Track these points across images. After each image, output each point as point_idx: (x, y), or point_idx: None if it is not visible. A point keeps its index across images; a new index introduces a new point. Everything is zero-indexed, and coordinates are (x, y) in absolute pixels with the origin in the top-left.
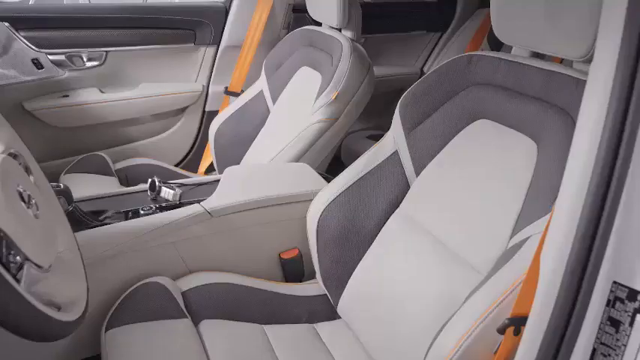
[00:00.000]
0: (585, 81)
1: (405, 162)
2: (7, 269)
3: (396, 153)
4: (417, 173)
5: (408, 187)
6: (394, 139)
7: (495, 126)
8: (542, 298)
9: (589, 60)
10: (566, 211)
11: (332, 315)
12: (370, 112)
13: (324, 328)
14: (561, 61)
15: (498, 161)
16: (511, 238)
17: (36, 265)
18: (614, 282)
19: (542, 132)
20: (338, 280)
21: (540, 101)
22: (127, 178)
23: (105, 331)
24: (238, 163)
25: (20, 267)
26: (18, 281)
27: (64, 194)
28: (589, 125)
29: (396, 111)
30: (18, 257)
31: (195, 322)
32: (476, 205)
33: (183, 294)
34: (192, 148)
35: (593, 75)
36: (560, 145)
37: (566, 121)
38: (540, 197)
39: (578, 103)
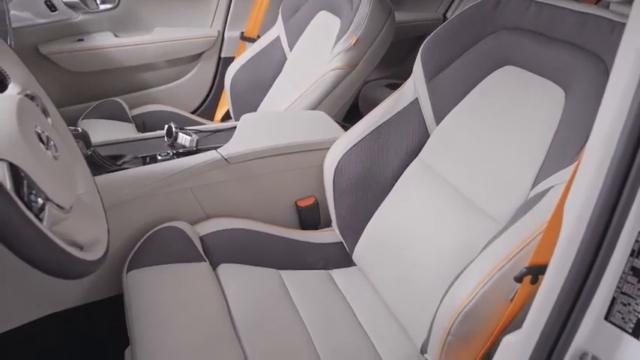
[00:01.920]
0: (623, 24)
1: (425, 110)
2: (30, 208)
3: (416, 101)
4: (438, 122)
5: (427, 135)
6: (415, 86)
7: (521, 73)
8: (564, 247)
9: (629, 0)
10: (594, 160)
11: (347, 262)
12: (389, 60)
13: (339, 274)
14: (596, 3)
15: (523, 110)
16: (532, 188)
17: (57, 205)
18: None
19: (571, 79)
20: (354, 228)
21: (572, 46)
22: (143, 124)
23: (126, 273)
24: (254, 111)
25: (42, 208)
26: (40, 221)
27: (83, 138)
28: (625, 71)
29: (418, 57)
30: (39, 198)
31: (213, 266)
32: (497, 154)
33: (201, 238)
34: (208, 95)
35: (636, 15)
36: (589, 93)
37: (599, 67)
38: (565, 147)
39: (613, 48)
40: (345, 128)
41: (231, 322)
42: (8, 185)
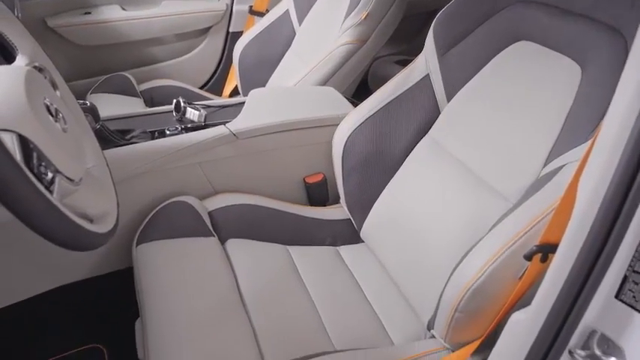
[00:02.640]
0: None
1: (436, 86)
2: (40, 180)
3: (427, 77)
4: (449, 98)
5: (438, 112)
6: (426, 61)
7: (536, 48)
8: (576, 225)
9: None
10: (611, 138)
11: (355, 239)
12: (400, 36)
13: (347, 251)
14: None
15: (537, 86)
16: (544, 166)
17: (67, 178)
18: None
19: (588, 54)
20: (362, 205)
21: (589, 20)
22: (151, 99)
23: (136, 246)
24: (263, 86)
25: (52, 180)
26: (51, 193)
27: (91, 112)
28: None
29: (430, 32)
30: (49, 170)
31: (222, 241)
32: (509, 131)
33: (210, 213)
34: (216, 70)
35: None
36: (607, 69)
37: (618, 42)
38: (579, 125)
39: (633, 22)
40: (355, 104)
41: (239, 296)
42: (18, 157)
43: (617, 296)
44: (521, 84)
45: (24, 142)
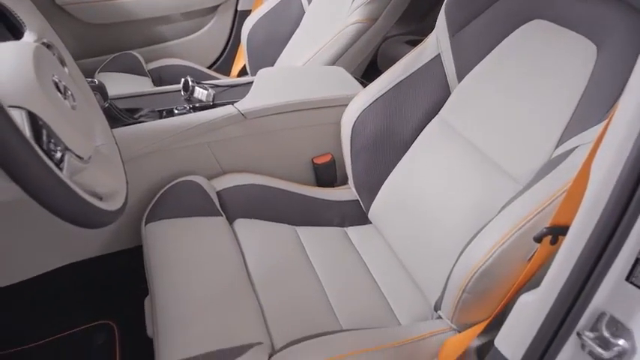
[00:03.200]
0: None
1: (447, 66)
2: (50, 158)
3: (438, 57)
4: (460, 78)
5: (448, 93)
6: (437, 41)
7: (551, 27)
8: (589, 207)
9: None
10: (627, 119)
11: (363, 220)
12: (410, 16)
13: (354, 232)
14: None
15: (550, 66)
16: (556, 148)
17: (76, 155)
18: None
19: (605, 33)
20: (370, 187)
21: None
22: (160, 78)
23: (145, 225)
24: (271, 66)
25: (62, 157)
26: (60, 170)
27: (100, 90)
28: None
29: (442, 10)
30: (59, 147)
31: (230, 221)
32: (521, 112)
33: (218, 193)
34: (224, 49)
35: None
36: (625, 49)
37: (636, 21)
38: (593, 106)
39: None
40: (364, 85)
41: (247, 275)
42: (27, 133)
43: (627, 279)
44: (534, 63)
45: (33, 119)
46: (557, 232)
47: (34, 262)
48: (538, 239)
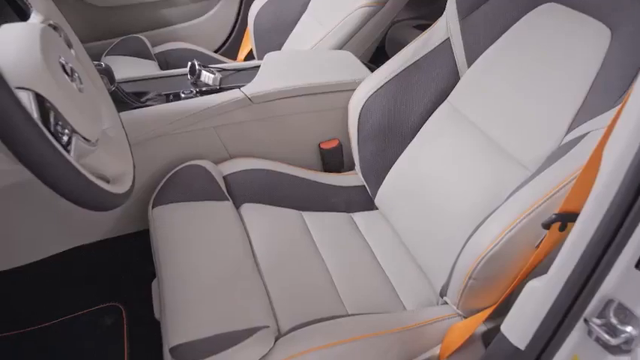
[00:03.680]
0: None
1: (456, 51)
2: (58, 140)
3: (447, 41)
4: (470, 63)
5: (457, 78)
6: (447, 25)
7: (564, 10)
8: (599, 194)
9: None
10: None
11: (369, 206)
12: (419, 0)
13: (360, 217)
14: None
15: (562, 50)
16: (567, 134)
17: (84, 138)
18: None
19: (620, 16)
20: (377, 172)
21: None
22: (166, 61)
23: (152, 208)
24: (279, 50)
25: (69, 140)
26: (68, 152)
27: (106, 74)
28: None
29: None
30: (66, 130)
31: (236, 205)
32: (531, 97)
33: (225, 178)
34: (231, 33)
35: None
36: (639, 33)
37: None
38: (606, 91)
39: None
40: (372, 69)
41: (253, 259)
42: (35, 115)
43: (637, 266)
44: (546, 48)
45: (40, 101)
46: (566, 219)
47: (42, 245)
48: (547, 226)
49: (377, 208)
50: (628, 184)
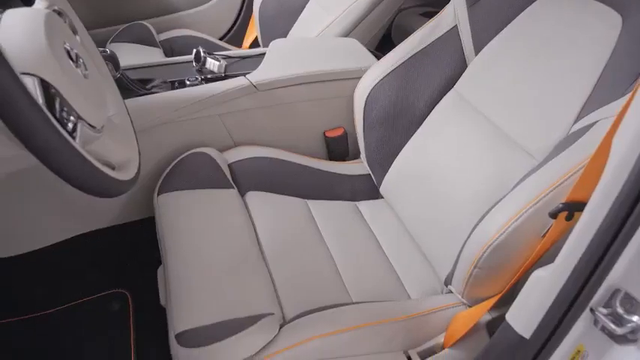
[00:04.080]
0: None
1: (464, 39)
2: (63, 126)
3: (455, 28)
4: (477, 51)
5: (465, 66)
6: (454, 11)
7: None
8: (608, 183)
9: None
10: None
11: (374, 194)
12: None
13: (366, 206)
14: None
15: (572, 37)
16: (575, 122)
17: (89, 125)
18: None
19: (631, 2)
20: (382, 161)
21: None
22: (171, 49)
23: (157, 196)
24: (284, 37)
25: (74, 127)
26: (74, 139)
27: (111, 60)
28: None
29: None
30: (71, 116)
31: (241, 193)
32: (540, 85)
33: (230, 166)
34: (236, 20)
35: None
36: None
37: None
38: (616, 79)
39: None
40: (378, 57)
41: (259, 247)
42: (40, 101)
43: None
44: (555, 35)
45: (45, 87)
46: (573, 208)
47: (48, 232)
48: (554, 215)
49: (382, 197)
50: (637, 173)
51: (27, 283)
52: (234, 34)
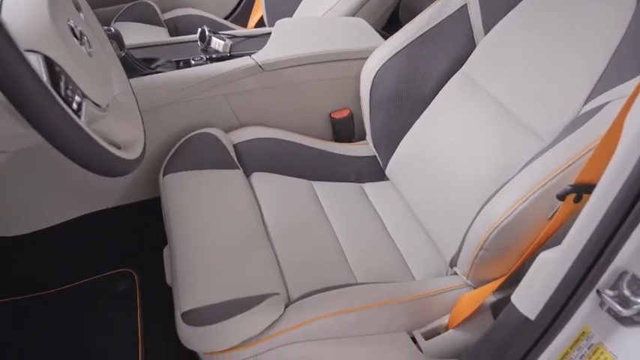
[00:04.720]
0: None
1: (473, 18)
2: (69, 105)
3: (464, 7)
4: (486, 30)
5: (473, 46)
6: None
7: None
8: (618, 164)
9: None
10: None
11: (380, 176)
12: None
13: (371, 188)
14: None
15: (584, 17)
16: (585, 104)
17: (94, 103)
18: None
19: None
20: (389, 142)
21: None
22: (176, 28)
23: (163, 176)
24: (290, 17)
25: (79, 106)
26: (79, 117)
27: (116, 39)
28: None
29: None
30: (76, 95)
31: (247, 174)
32: (549, 66)
33: (235, 146)
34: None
35: None
36: None
37: None
38: (628, 59)
39: None
40: (385, 37)
41: (264, 227)
42: (44, 78)
43: None
44: (566, 15)
45: (50, 64)
46: (582, 190)
47: (54, 211)
48: (561, 197)
49: (387, 179)
50: None
51: (33, 262)
52: (240, 13)
